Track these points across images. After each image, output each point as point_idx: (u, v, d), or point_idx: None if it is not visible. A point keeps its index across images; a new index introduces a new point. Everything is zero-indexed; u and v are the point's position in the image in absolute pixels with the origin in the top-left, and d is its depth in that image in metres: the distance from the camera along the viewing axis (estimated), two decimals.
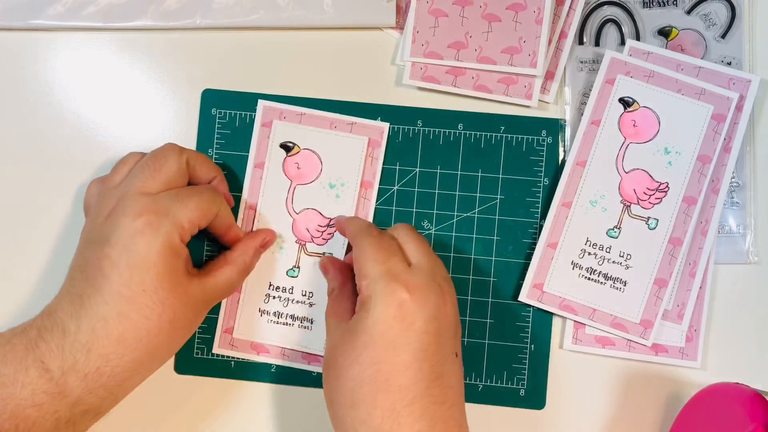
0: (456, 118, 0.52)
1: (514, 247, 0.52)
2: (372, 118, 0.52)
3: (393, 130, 0.52)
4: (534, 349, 0.51)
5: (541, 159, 0.52)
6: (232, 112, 0.52)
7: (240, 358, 0.51)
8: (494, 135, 0.52)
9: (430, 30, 0.52)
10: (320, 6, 0.52)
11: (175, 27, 0.53)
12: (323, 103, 0.52)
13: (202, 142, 0.52)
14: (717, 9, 0.52)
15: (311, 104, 0.52)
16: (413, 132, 0.52)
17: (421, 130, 0.52)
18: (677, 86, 0.51)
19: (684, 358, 0.51)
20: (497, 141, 0.52)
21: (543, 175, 0.52)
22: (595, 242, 0.51)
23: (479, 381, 0.51)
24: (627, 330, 0.50)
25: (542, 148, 0.52)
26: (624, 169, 0.51)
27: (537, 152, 0.52)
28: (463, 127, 0.52)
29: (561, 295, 0.51)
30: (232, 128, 0.52)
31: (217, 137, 0.52)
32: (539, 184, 0.52)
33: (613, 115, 0.51)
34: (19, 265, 0.52)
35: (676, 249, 0.50)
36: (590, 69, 0.52)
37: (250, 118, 0.52)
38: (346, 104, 0.52)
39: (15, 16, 0.52)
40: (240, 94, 0.52)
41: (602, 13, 0.53)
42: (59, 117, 0.53)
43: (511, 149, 0.52)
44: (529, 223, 0.52)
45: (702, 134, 0.50)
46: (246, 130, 0.52)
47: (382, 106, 0.52)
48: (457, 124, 0.52)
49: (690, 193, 0.50)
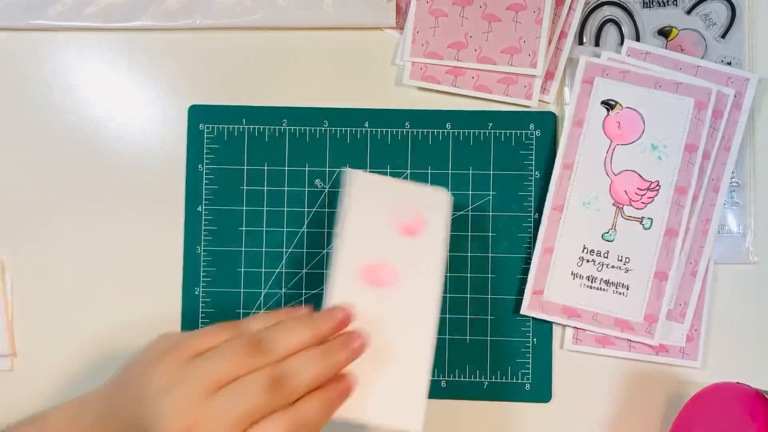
0: (444, 117, 0.52)
1: (510, 243, 0.52)
2: (358, 124, 0.52)
3: (381, 134, 0.52)
4: (536, 342, 0.51)
5: (530, 153, 0.52)
6: (220, 127, 0.52)
7: (550, 321, 0.51)
8: (482, 132, 0.52)
9: (430, 30, 0.52)
10: (320, 6, 0.52)
11: (175, 27, 0.53)
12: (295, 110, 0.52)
13: (191, 158, 0.53)
14: (717, 9, 0.52)
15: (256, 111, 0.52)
16: (402, 134, 0.52)
17: (410, 132, 0.52)
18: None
19: (685, 357, 0.51)
20: (486, 138, 0.52)
21: (534, 169, 0.52)
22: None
23: (484, 378, 0.51)
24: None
25: (531, 141, 0.52)
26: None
27: (526, 146, 0.52)
28: (452, 126, 0.52)
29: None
30: (220, 142, 0.52)
31: (207, 152, 0.52)
32: (531, 177, 0.52)
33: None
34: (18, 263, 0.52)
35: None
36: None
37: (238, 131, 0.52)
38: (323, 110, 0.52)
39: (15, 16, 0.52)
40: (227, 108, 0.52)
41: (602, 13, 0.53)
42: (59, 117, 0.53)
43: (500, 145, 0.52)
44: (523, 218, 0.52)
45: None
46: (236, 144, 0.52)
47: (366, 110, 0.52)
48: (445, 123, 0.52)
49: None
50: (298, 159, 0.52)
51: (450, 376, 0.52)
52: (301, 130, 0.52)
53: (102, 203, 0.53)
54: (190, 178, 0.53)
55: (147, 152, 0.53)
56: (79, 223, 0.52)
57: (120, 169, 0.53)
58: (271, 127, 0.52)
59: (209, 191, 0.52)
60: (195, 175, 0.52)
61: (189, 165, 0.53)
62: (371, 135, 0.52)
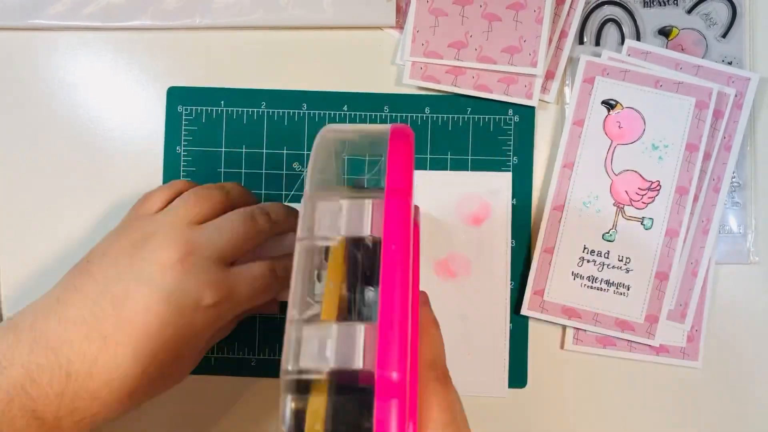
0: (422, 101, 0.52)
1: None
2: (337, 107, 0.52)
3: (360, 117, 0.52)
4: (513, 327, 0.51)
5: (509, 138, 0.52)
6: (199, 108, 0.52)
7: (550, 321, 0.51)
8: (461, 117, 0.52)
9: (430, 29, 0.52)
10: (320, 6, 0.52)
11: (175, 27, 0.53)
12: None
13: (169, 139, 0.52)
14: (718, 8, 0.52)
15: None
16: (381, 117, 0.52)
17: (388, 116, 0.52)
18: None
19: (685, 358, 0.51)
20: (465, 123, 0.52)
21: (512, 154, 0.52)
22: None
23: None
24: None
25: (509, 127, 0.52)
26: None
27: (504, 131, 0.52)
28: (430, 111, 0.52)
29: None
30: (198, 124, 0.52)
31: (185, 134, 0.52)
32: (508, 163, 0.52)
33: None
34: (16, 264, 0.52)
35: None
36: None
37: (217, 113, 0.52)
38: (302, 93, 0.52)
39: (15, 16, 0.52)
40: (205, 90, 0.52)
41: (602, 13, 0.53)
42: (59, 117, 0.53)
43: (479, 130, 0.52)
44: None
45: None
46: (214, 126, 0.52)
47: (345, 93, 0.52)
48: (424, 107, 0.52)
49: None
50: (277, 142, 0.52)
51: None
52: (279, 113, 0.52)
53: (97, 200, 0.53)
54: (168, 159, 0.52)
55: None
56: (75, 217, 0.52)
57: (114, 166, 0.53)
58: (249, 109, 0.52)
59: (187, 173, 0.52)
60: (173, 156, 0.52)
61: (167, 147, 0.53)
62: (350, 118, 0.52)
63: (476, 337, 0.50)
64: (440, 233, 0.51)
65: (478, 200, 0.51)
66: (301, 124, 0.52)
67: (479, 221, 0.51)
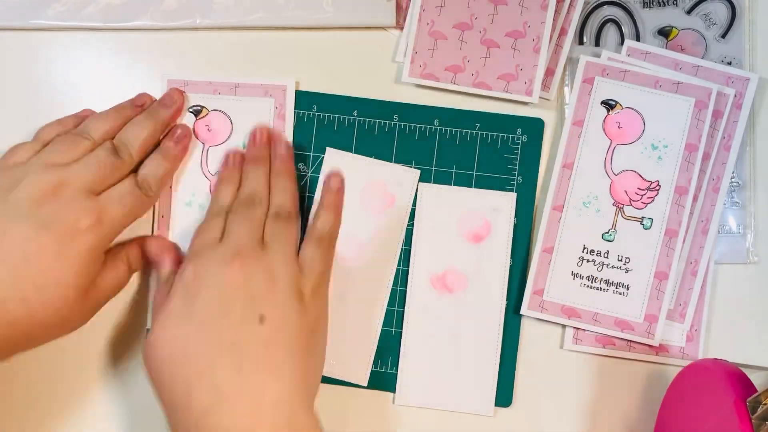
0: (432, 113, 0.52)
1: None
2: (347, 112, 0.52)
3: (369, 123, 0.52)
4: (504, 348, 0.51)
5: (515, 157, 0.52)
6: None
7: (550, 321, 0.51)
8: (469, 132, 0.52)
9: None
10: (320, 6, 0.52)
11: (175, 27, 0.53)
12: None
13: None
14: (717, 9, 0.52)
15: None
16: (389, 126, 0.52)
17: (397, 125, 0.52)
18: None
19: (685, 357, 0.51)
20: (472, 138, 0.52)
21: (517, 173, 0.52)
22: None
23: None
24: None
25: (517, 146, 0.52)
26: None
27: (512, 150, 0.52)
28: (439, 123, 0.52)
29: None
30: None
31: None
32: (513, 182, 0.52)
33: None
34: None
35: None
36: None
37: None
38: (312, 95, 0.52)
39: (15, 16, 0.52)
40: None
41: (602, 13, 0.53)
42: (59, 117, 0.53)
43: (486, 146, 0.52)
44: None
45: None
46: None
47: (357, 99, 0.52)
48: (433, 119, 0.52)
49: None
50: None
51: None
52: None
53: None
54: None
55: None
56: None
57: None
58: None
59: None
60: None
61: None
62: (359, 123, 0.52)
63: (466, 355, 0.50)
64: (440, 247, 0.51)
65: (480, 218, 0.51)
66: (310, 126, 0.52)
67: (480, 239, 0.51)
